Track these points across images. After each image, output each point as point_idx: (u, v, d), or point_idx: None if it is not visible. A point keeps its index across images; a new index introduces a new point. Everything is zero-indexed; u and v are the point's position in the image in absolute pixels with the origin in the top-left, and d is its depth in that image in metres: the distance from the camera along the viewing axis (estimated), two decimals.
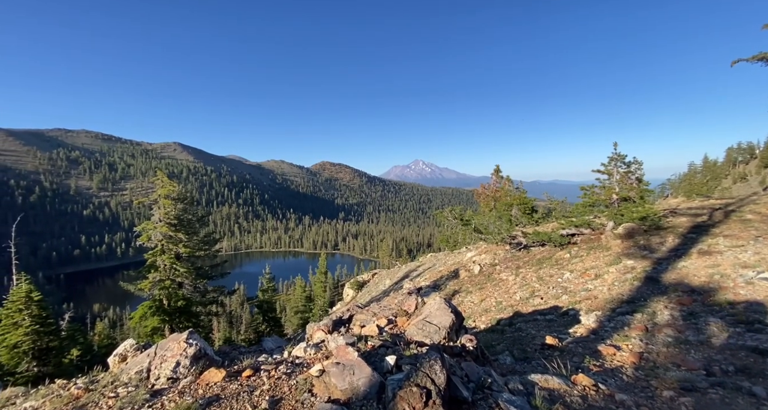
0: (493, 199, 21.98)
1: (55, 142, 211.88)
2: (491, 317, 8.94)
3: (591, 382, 3.18)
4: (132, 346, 4.29)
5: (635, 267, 8.61)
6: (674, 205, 17.36)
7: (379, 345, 3.82)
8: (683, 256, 8.34)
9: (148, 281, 12.77)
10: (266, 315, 21.97)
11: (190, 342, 3.70)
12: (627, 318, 5.76)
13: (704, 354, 3.99)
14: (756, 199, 14.17)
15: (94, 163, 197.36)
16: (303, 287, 35.64)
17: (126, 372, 3.68)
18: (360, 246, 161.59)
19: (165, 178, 13.64)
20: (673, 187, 44.06)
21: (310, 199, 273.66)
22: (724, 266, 7.06)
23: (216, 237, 15.74)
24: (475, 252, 18.22)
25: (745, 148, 68.69)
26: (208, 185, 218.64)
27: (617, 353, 4.33)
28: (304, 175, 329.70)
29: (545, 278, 10.46)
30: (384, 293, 22.33)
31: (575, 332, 5.87)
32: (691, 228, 10.82)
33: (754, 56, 17.97)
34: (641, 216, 11.21)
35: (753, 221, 10.25)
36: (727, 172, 64.15)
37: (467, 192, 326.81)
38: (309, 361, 3.65)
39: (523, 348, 5.15)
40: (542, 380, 3.20)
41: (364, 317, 4.68)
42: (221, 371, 3.32)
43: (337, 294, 44.21)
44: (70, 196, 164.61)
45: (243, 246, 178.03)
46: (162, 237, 13.03)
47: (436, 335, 4.07)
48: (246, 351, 4.59)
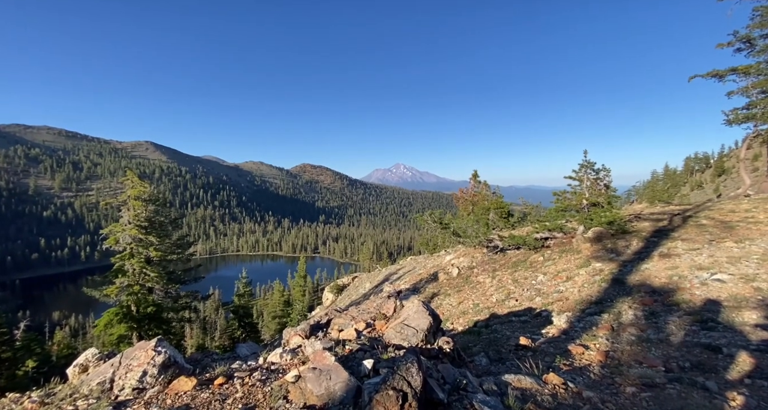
0: (471, 204, 22.45)
1: (12, 138, 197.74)
2: (468, 319, 9.09)
3: (561, 381, 3.31)
4: (94, 356, 4.06)
5: (603, 270, 9.03)
6: (638, 210, 18.36)
7: (357, 349, 3.81)
8: (646, 259, 8.83)
9: (115, 286, 12.13)
10: (242, 320, 21.33)
11: (159, 350, 3.55)
12: (595, 319, 6.03)
13: (663, 351, 4.25)
14: (710, 206, 15.22)
15: (56, 161, 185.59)
16: (281, 291, 34.89)
17: (87, 383, 3.48)
18: (340, 250, 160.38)
19: (135, 178, 13.06)
20: (638, 193, 46.66)
21: (289, 202, 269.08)
22: (682, 268, 7.53)
23: (190, 241, 15.21)
24: (453, 256, 18.51)
25: (701, 158, 73.88)
26: (183, 186, 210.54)
27: (585, 352, 4.52)
28: (283, 177, 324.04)
29: (520, 280, 10.76)
30: (364, 296, 22.22)
31: (547, 333, 6.08)
32: (653, 232, 11.47)
33: (708, 73, 19.41)
34: (609, 221, 11.78)
35: (707, 226, 11.00)
36: (686, 180, 68.63)
37: (447, 196, 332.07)
38: (285, 367, 3.59)
39: (498, 349, 5.28)
40: (515, 380, 3.30)
41: (342, 321, 4.65)
42: (192, 379, 3.21)
43: (316, 298, 43.57)
44: (28, 196, 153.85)
45: (219, 249, 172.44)
46: (131, 240, 12.44)
47: (414, 338, 4.10)
48: (219, 358, 4.44)
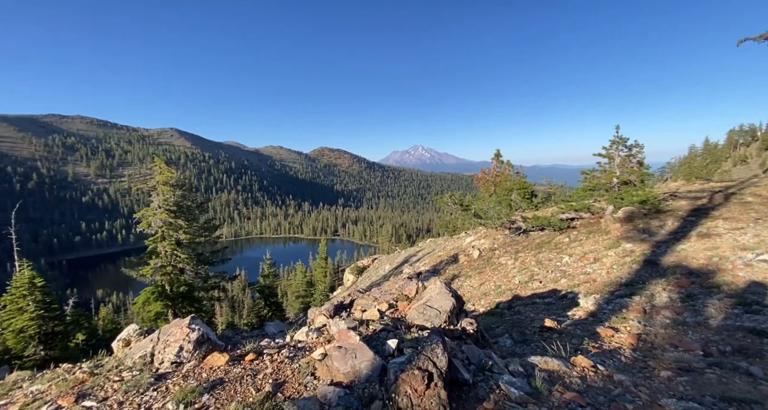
0: (494, 184, 21.89)
1: (50, 128, 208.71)
2: (490, 300, 9.04)
3: (590, 363, 3.22)
4: (135, 331, 4.33)
5: (634, 251, 8.65)
6: (674, 188, 17.32)
7: (381, 329, 3.86)
8: (682, 239, 8.36)
9: (150, 267, 12.84)
10: (268, 299, 22.26)
11: (193, 327, 3.72)
12: (625, 301, 5.82)
13: (702, 335, 4.04)
14: (756, 182, 14.12)
15: (90, 149, 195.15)
16: (304, 272, 36.03)
17: (130, 356, 3.72)
18: (359, 232, 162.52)
19: (163, 164, 13.49)
20: (672, 171, 43.94)
21: (309, 185, 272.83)
22: (723, 248, 7.09)
23: (216, 224, 15.75)
24: (474, 237, 18.29)
25: (746, 130, 68.06)
26: (207, 171, 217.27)
27: (615, 335, 4.38)
28: (302, 161, 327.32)
29: (544, 262, 10.52)
30: (384, 278, 22.57)
31: (574, 315, 5.94)
32: (691, 211, 10.81)
33: (761, 35, 17.45)
34: (641, 200, 11.18)
35: (753, 203, 10.23)
36: (728, 154, 63.81)
37: (467, 177, 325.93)
38: (311, 345, 3.69)
39: (522, 330, 5.22)
40: (542, 362, 3.24)
41: (365, 302, 4.71)
42: (224, 355, 3.36)
43: (337, 279, 44.80)
44: (68, 182, 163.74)
45: (243, 232, 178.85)
46: (162, 223, 13.02)
47: (437, 319, 4.10)
48: (248, 336, 4.64)
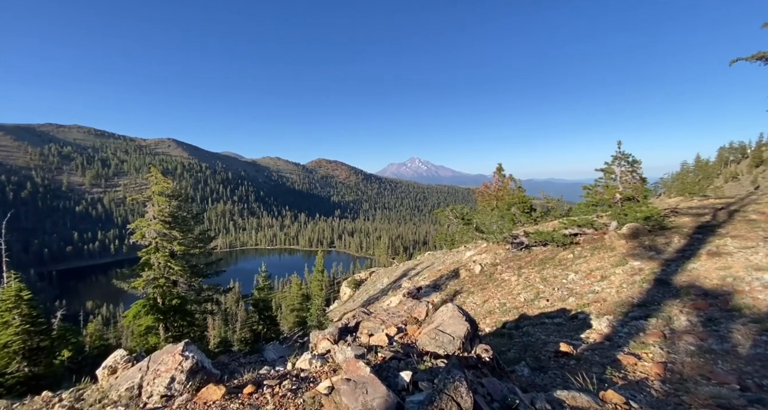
0: (495, 198, 21.80)
1: (46, 137, 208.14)
2: (496, 319, 8.73)
3: (621, 400, 2.96)
4: (122, 358, 3.99)
5: (643, 269, 8.44)
6: (674, 204, 17.28)
7: (390, 356, 3.57)
8: (692, 258, 8.18)
9: (142, 279, 12.39)
10: (262, 313, 21.61)
11: (186, 354, 3.42)
12: (641, 324, 5.56)
13: (733, 365, 3.79)
14: (757, 199, 14.09)
15: (86, 158, 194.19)
16: (299, 285, 35.29)
17: (116, 387, 3.39)
18: (356, 244, 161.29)
19: (159, 174, 13.23)
20: (665, 186, 44.34)
21: (305, 197, 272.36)
22: (736, 268, 6.90)
23: (211, 235, 15.36)
24: (474, 252, 18.04)
25: (737, 148, 69.43)
26: (203, 182, 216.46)
27: (638, 363, 4.12)
28: (299, 172, 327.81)
29: (549, 279, 10.27)
30: (382, 292, 22.09)
31: (588, 338, 5.67)
32: (696, 228, 10.68)
33: (753, 55, 17.85)
34: (645, 216, 11.05)
35: (759, 221, 10.13)
36: (719, 171, 64.77)
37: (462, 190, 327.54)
38: (315, 375, 3.39)
39: (537, 355, 4.93)
40: (569, 397, 2.97)
41: (371, 325, 4.42)
42: (220, 387, 3.05)
43: (333, 291, 43.96)
44: (62, 192, 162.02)
45: (238, 243, 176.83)
46: (156, 234, 12.65)
47: (450, 345, 3.82)
48: (246, 362, 4.33)
